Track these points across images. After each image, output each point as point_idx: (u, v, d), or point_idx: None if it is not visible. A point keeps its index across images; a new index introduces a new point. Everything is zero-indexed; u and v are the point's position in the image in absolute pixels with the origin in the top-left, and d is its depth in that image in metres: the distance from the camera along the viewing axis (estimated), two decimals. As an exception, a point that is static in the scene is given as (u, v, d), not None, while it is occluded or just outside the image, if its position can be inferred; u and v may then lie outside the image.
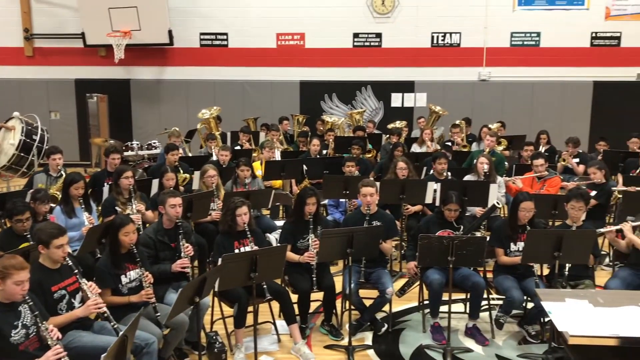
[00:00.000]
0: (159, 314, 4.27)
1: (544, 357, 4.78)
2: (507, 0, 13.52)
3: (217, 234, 5.27)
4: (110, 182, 6.56)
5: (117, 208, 5.96)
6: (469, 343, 5.11)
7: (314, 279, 5.11)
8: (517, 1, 13.49)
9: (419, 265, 5.24)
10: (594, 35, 13.56)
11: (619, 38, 13.52)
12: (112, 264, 4.35)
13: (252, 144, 10.18)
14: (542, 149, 9.69)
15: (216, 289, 4.57)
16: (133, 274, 4.42)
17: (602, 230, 5.23)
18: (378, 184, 6.17)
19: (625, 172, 8.14)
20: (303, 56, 13.92)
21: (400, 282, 5.82)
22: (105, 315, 3.86)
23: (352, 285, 5.07)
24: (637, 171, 7.99)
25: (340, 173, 7.64)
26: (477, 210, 6.62)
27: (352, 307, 5.23)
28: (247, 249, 4.92)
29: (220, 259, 4.27)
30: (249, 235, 4.97)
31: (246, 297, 4.70)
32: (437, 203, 6.34)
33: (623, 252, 5.27)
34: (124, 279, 4.37)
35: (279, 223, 6.83)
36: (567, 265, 4.97)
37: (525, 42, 13.63)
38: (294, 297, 5.13)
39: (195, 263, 6.22)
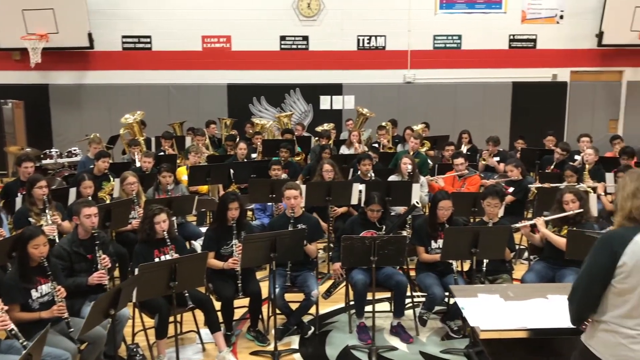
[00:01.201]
0: (72, 329, 4.08)
1: (465, 352, 4.91)
2: (429, 4, 13.84)
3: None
4: (24, 192, 6.24)
5: (30, 219, 5.68)
6: (394, 341, 5.18)
7: (239, 285, 5.04)
8: (438, 5, 13.85)
9: (344, 267, 5.28)
10: (511, 37, 14.08)
11: (534, 40, 14.10)
12: (21, 278, 4.13)
13: (175, 149, 9.97)
14: (464, 148, 9.98)
15: (134, 300, 4.42)
16: (45, 288, 4.21)
17: (517, 225, 5.45)
18: (303, 186, 6.18)
19: (542, 169, 8.50)
20: (230, 59, 13.73)
21: (328, 284, 5.82)
22: (13, 332, 3.65)
23: (277, 289, 5.05)
24: (552, 167, 8.35)
25: (268, 177, 7.59)
26: (402, 210, 6.74)
27: (279, 312, 5.20)
28: (168, 257, 4.79)
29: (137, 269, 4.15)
30: (169, 243, 4.85)
31: (167, 307, 4.58)
32: (363, 204, 6.40)
33: (538, 246, 5.49)
34: (34, 294, 4.15)
35: (205, 229, 6.70)
36: (484, 260, 5.13)
37: (447, 45, 13.99)
38: (218, 305, 5.04)
39: (117, 273, 6.03)
